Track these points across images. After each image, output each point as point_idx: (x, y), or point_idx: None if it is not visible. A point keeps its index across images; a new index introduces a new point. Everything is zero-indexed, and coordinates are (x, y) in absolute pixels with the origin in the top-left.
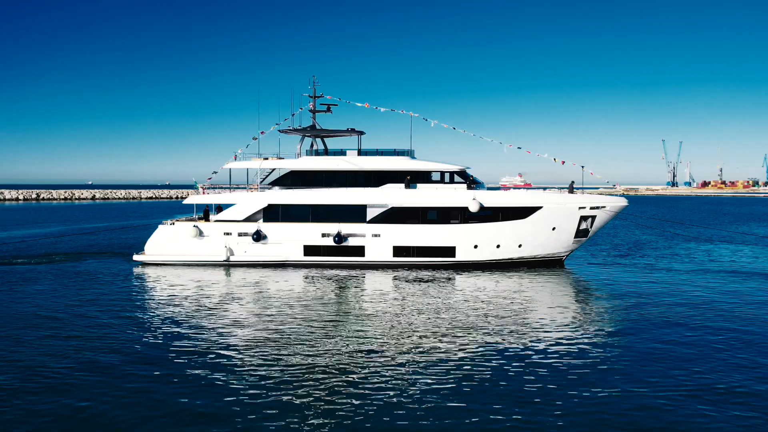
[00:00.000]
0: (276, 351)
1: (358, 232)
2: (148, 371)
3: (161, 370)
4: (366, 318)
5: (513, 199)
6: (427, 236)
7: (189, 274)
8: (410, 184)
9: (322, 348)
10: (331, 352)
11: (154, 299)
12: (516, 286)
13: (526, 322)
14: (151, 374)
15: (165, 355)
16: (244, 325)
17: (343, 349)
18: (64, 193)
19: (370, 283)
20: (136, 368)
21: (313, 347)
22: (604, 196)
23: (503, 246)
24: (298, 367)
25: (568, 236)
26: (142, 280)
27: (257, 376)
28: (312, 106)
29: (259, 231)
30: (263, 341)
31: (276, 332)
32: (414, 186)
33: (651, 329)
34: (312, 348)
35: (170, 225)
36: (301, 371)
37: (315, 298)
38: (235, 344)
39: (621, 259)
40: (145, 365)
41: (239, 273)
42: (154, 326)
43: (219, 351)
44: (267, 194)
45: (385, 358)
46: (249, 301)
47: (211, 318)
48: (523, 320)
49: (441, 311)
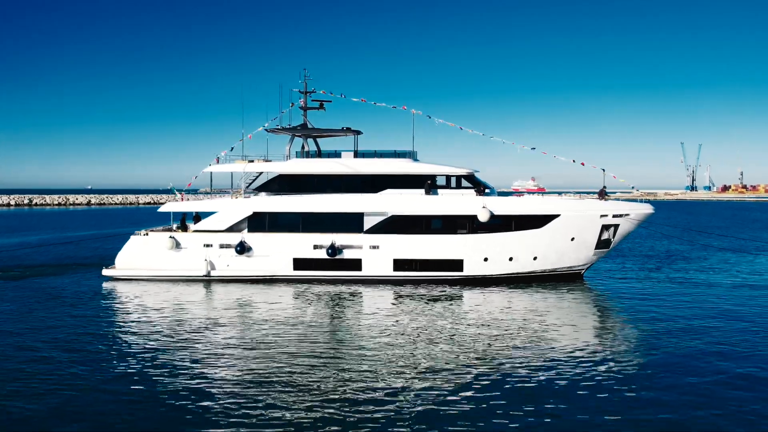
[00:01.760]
0: (262, 383)
1: (354, 243)
2: (112, 409)
3: (126, 409)
4: (363, 341)
5: (527, 206)
6: (432, 248)
7: (164, 291)
8: (431, 190)
9: (313, 378)
10: (324, 382)
11: (121, 322)
12: (531, 303)
13: (543, 347)
14: (117, 415)
15: (130, 390)
16: (224, 353)
17: (339, 378)
18: (58, 199)
19: (367, 301)
20: (94, 408)
21: (304, 376)
22: (628, 203)
23: (516, 259)
24: (285, 395)
25: (589, 247)
26: (110, 299)
27: (240, 413)
28: (303, 103)
29: (243, 242)
30: (247, 371)
31: (262, 360)
32: (435, 192)
33: (688, 357)
34: (302, 377)
35: (143, 236)
36: (289, 402)
37: (306, 318)
38: (214, 377)
39: (648, 272)
40: (108, 404)
41: (221, 289)
42: (119, 357)
43: (196, 385)
44: (252, 201)
45: (384, 387)
46: (231, 322)
47: (187, 343)
48: (539, 345)
49: (447, 333)
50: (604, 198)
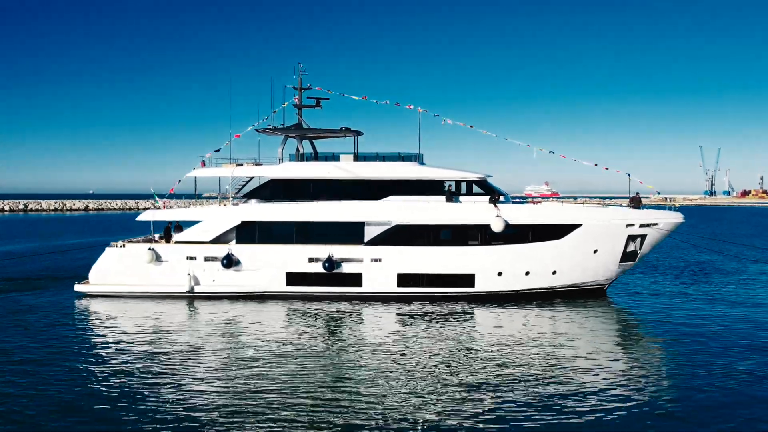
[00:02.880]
0: (249, 413)
1: (354, 255)
2: None
3: None
4: (364, 367)
5: (546, 214)
6: (440, 261)
7: (142, 310)
8: (453, 197)
9: (307, 406)
10: (320, 412)
11: (91, 348)
12: (550, 323)
13: (563, 374)
14: None
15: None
16: (209, 380)
17: (336, 406)
18: (55, 204)
19: (368, 321)
20: None
21: (297, 405)
22: (657, 211)
23: (534, 273)
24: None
25: (613, 260)
26: (82, 319)
27: None
28: (297, 101)
29: (230, 255)
30: (234, 400)
31: (250, 389)
32: (456, 200)
33: (731, 394)
34: (295, 406)
35: (120, 247)
36: None
37: (300, 340)
38: (197, 408)
39: (678, 287)
40: None
41: (205, 308)
42: (89, 394)
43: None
44: (240, 209)
45: (385, 419)
46: (216, 346)
47: (166, 372)
48: (559, 371)
49: (457, 356)
50: (637, 206)
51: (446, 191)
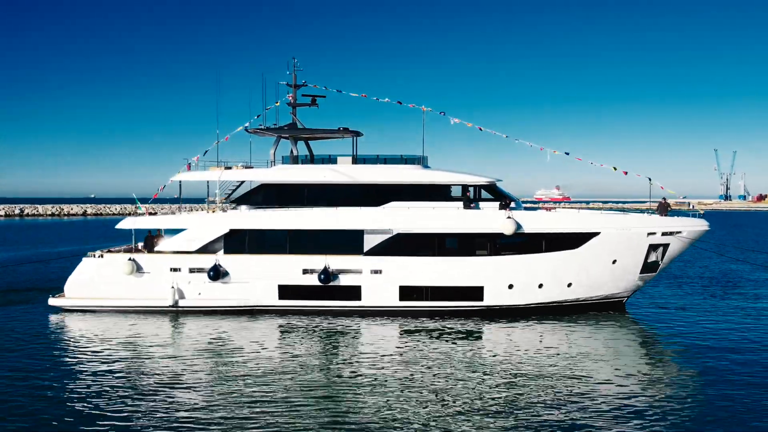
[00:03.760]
0: None
1: (352, 267)
2: None
3: None
4: (363, 388)
5: (561, 222)
6: (446, 273)
7: (121, 326)
8: (473, 203)
9: None
10: None
11: (66, 366)
12: (565, 341)
13: (580, 397)
14: None
15: None
16: (195, 403)
17: None
18: (52, 209)
19: (368, 338)
20: None
21: None
22: (680, 218)
23: (548, 285)
24: None
25: (633, 271)
26: (55, 336)
27: None
28: (291, 98)
29: (217, 266)
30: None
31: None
32: (476, 206)
33: None
34: None
35: (98, 257)
36: None
37: (293, 359)
38: None
39: (705, 299)
40: None
41: (190, 323)
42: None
43: None
44: (229, 216)
45: None
46: (203, 366)
47: (148, 393)
48: (576, 394)
49: (464, 377)
50: (664, 212)
51: (465, 196)
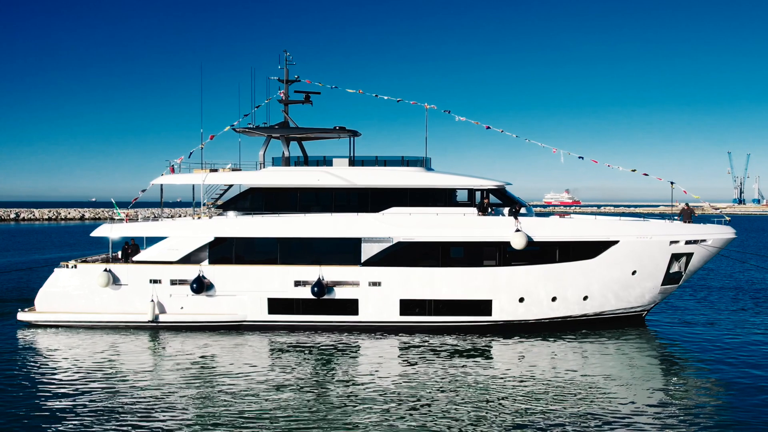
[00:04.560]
0: None
1: (349, 278)
2: None
3: None
4: (360, 411)
5: (576, 230)
6: (451, 285)
7: (96, 343)
8: (492, 209)
9: None
10: None
11: (36, 386)
12: (580, 360)
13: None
14: None
15: None
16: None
17: None
18: (48, 213)
19: (365, 356)
20: None
21: None
22: (704, 225)
23: (562, 298)
24: None
25: (654, 283)
26: (24, 354)
27: None
28: (283, 95)
29: (201, 277)
30: None
31: None
32: (498, 212)
33: None
34: None
35: (71, 268)
36: None
37: (284, 379)
38: None
39: (733, 313)
40: None
41: (172, 340)
42: None
43: None
44: (214, 223)
45: None
46: (186, 387)
47: (126, 417)
48: (595, 417)
49: (471, 398)
50: (688, 219)
51: (481, 202)
